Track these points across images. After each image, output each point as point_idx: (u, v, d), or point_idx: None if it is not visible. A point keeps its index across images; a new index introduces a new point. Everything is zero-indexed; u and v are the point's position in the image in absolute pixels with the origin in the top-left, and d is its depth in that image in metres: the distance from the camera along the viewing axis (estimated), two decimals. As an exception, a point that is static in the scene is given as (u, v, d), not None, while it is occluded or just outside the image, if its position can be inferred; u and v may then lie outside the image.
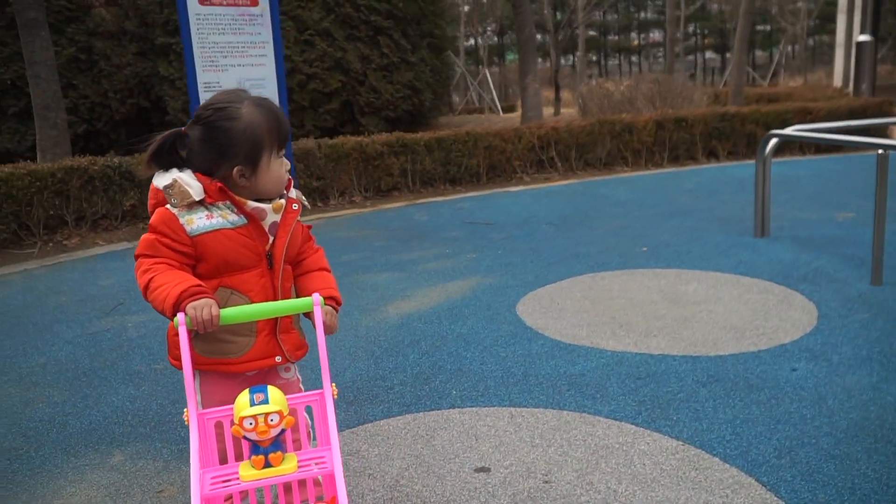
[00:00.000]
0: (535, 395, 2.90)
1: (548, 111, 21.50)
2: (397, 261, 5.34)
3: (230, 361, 1.87)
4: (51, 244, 6.39)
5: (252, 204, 1.80)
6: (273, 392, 1.61)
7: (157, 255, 1.76)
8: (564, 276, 4.65)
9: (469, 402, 2.87)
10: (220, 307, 1.76)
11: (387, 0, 11.95)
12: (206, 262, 1.80)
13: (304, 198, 1.98)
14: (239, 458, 1.75)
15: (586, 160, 10.25)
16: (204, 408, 1.91)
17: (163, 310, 1.70)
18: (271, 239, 1.86)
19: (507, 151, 9.41)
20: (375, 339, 3.67)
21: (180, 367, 1.73)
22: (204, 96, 6.33)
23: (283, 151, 1.84)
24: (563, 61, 32.78)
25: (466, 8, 28.83)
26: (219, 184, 1.77)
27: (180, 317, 1.66)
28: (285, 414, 1.60)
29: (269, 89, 6.69)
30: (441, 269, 5.02)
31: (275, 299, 1.87)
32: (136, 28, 11.70)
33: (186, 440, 2.64)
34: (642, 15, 44.82)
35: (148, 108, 12.05)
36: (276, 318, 1.87)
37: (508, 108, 21.35)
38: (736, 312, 3.75)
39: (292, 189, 1.95)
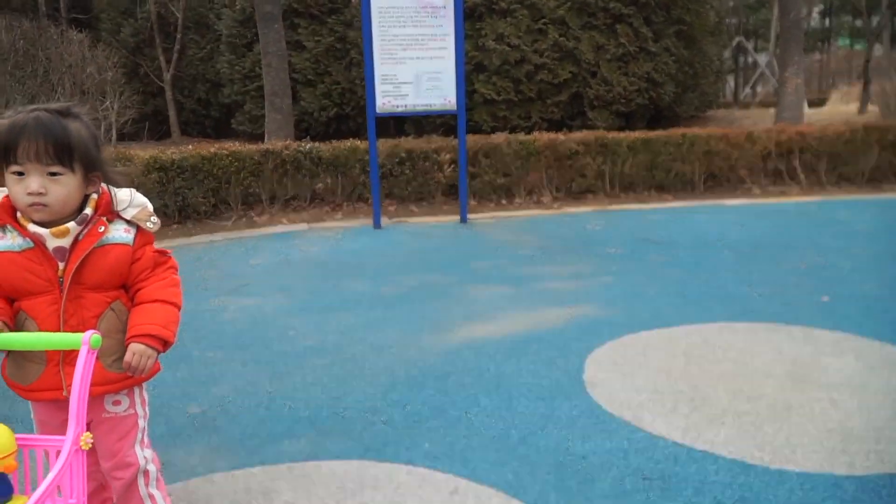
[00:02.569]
0: (507, 469, 2.38)
1: (850, 109, 18.50)
2: (521, 275, 4.89)
3: (21, 387, 1.76)
4: (244, 219, 7.05)
5: (31, 227, 1.65)
6: None
7: None
8: (685, 321, 3.84)
9: (429, 462, 2.45)
10: (15, 330, 1.67)
11: (630, -15, 11.12)
12: (2, 286, 1.70)
13: (151, 219, 1.79)
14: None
15: (842, 174, 8.52)
16: (37, 431, 1.85)
17: None
18: (61, 265, 1.70)
19: (733, 158, 8.19)
20: (412, 363, 3.36)
21: None
22: (381, 88, 6.44)
23: (33, 166, 1.60)
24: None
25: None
26: (5, 201, 1.65)
27: None
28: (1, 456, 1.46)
29: (446, 82, 6.58)
30: (555, 292, 4.48)
31: (59, 328, 1.71)
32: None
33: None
34: None
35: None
36: (60, 351, 1.71)
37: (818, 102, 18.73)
38: (884, 411, 2.73)
39: (130, 209, 1.77)
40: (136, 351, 1.71)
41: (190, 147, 7.02)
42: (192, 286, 4.86)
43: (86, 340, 1.58)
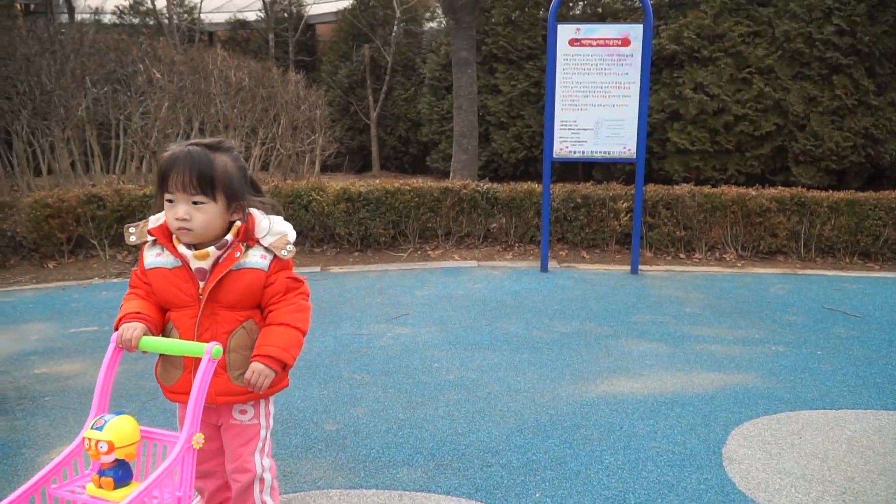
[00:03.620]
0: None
1: None
2: (681, 333, 4.64)
3: (165, 387, 2.02)
4: (419, 252, 7.40)
5: (180, 248, 1.90)
6: (117, 422, 1.71)
7: (132, 287, 2.01)
8: (858, 405, 3.41)
9: (535, 515, 2.41)
10: (160, 335, 1.94)
11: (851, 34, 10.21)
12: (156, 296, 1.96)
13: (287, 247, 1.95)
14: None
15: None
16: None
17: None
18: (201, 284, 1.91)
19: (961, 226, 7.16)
20: (543, 410, 3.32)
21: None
22: (559, 134, 6.51)
23: (180, 195, 1.82)
24: None
25: None
26: (164, 225, 1.92)
27: (113, 335, 1.86)
28: (118, 446, 1.68)
29: (627, 130, 6.50)
30: (715, 355, 4.19)
31: (195, 340, 1.92)
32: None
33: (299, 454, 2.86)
34: None
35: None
36: (193, 359, 1.91)
37: None
38: None
39: (269, 237, 1.95)
40: (256, 370, 1.88)
41: (377, 181, 7.53)
42: (358, 311, 5.19)
43: (208, 350, 1.79)
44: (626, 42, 6.46)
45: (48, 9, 17.05)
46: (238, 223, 1.92)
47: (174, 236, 1.91)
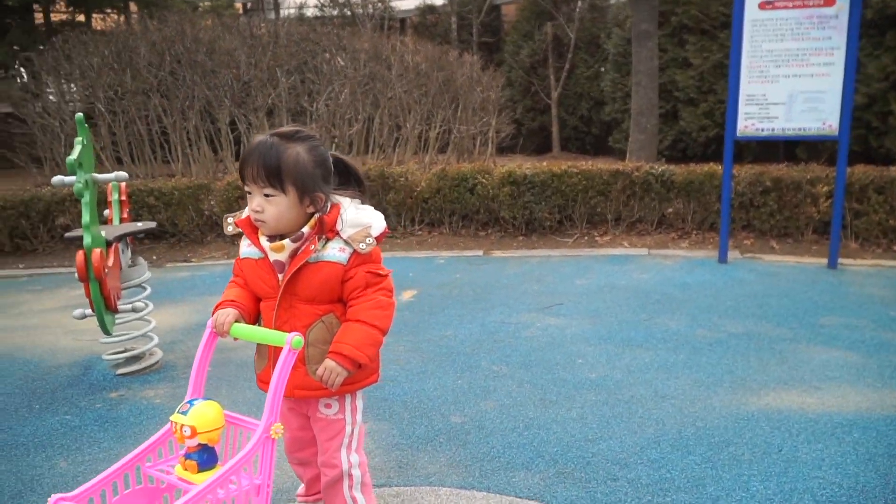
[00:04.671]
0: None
1: None
2: (881, 341, 3.97)
3: (256, 374, 2.05)
4: (586, 238, 7.08)
5: (262, 240, 1.89)
6: (200, 408, 1.74)
7: (234, 274, 2.04)
8: None
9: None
10: (253, 324, 1.95)
11: None
12: (248, 285, 1.99)
13: (366, 240, 1.87)
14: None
15: None
16: None
17: None
18: (280, 276, 1.89)
19: None
20: (689, 421, 2.97)
21: None
22: (745, 110, 5.89)
23: (253, 187, 1.81)
24: None
25: None
26: (248, 217, 1.91)
27: (210, 320, 1.91)
28: (200, 431, 1.72)
29: (829, 103, 5.75)
30: (919, 371, 3.52)
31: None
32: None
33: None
34: None
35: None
36: (274, 350, 1.88)
37: None
38: None
39: (349, 229, 1.88)
40: (328, 367, 1.84)
41: (544, 164, 7.31)
42: (512, 298, 5.06)
43: (288, 340, 1.76)
44: (829, 1, 5.63)
45: (260, 6, 18.65)
46: (317, 214, 1.87)
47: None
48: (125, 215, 4.15)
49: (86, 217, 3.10)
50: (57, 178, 3.23)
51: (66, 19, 16.23)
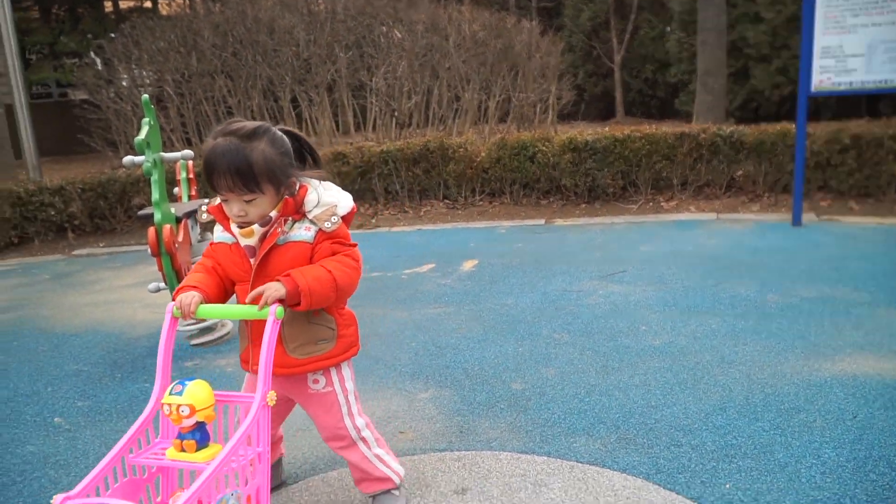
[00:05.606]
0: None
1: None
2: (966, 304, 3.75)
3: (240, 355, 2.08)
4: (651, 203, 6.92)
5: (232, 227, 1.93)
6: (193, 387, 1.75)
7: (204, 256, 2.06)
8: None
9: (720, 510, 2.09)
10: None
11: None
12: (223, 269, 2.01)
13: (331, 219, 1.89)
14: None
15: None
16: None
17: None
18: (252, 260, 1.92)
19: None
20: (758, 388, 2.89)
21: None
22: (820, 63, 5.61)
23: (230, 196, 1.82)
24: None
25: None
26: (219, 203, 1.93)
27: (169, 305, 1.91)
28: (198, 408, 1.73)
29: (913, 53, 5.34)
30: None
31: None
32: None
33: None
34: None
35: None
36: (254, 331, 1.95)
37: None
38: None
39: (315, 209, 1.90)
40: (272, 286, 1.81)
41: (606, 129, 7.15)
42: (573, 265, 5.00)
43: (272, 311, 1.80)
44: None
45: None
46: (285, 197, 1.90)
47: None
48: (193, 192, 4.29)
49: (155, 194, 3.22)
50: (128, 159, 3.35)
51: (134, 6, 16.75)
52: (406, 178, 7.34)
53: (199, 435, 1.75)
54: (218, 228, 2.00)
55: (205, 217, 1.99)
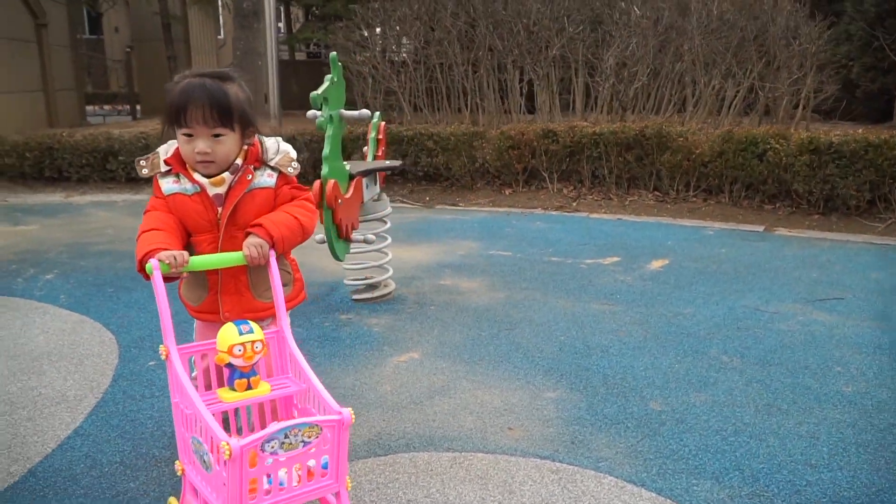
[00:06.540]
0: None
1: None
2: None
3: (190, 307, 2.11)
4: (902, 223, 5.81)
5: (197, 176, 1.93)
6: (255, 325, 1.82)
7: (153, 208, 2.00)
8: None
9: None
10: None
11: None
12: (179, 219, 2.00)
13: (292, 164, 2.01)
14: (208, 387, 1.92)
15: None
16: (196, 341, 2.15)
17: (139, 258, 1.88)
18: (220, 209, 1.95)
19: None
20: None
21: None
22: None
23: (201, 129, 1.85)
24: None
25: None
26: (177, 153, 1.95)
27: (154, 262, 1.82)
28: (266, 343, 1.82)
29: None
30: None
31: None
32: None
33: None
34: None
35: None
36: (219, 281, 2.02)
37: None
38: None
39: (276, 156, 2.00)
40: (251, 243, 1.91)
41: (859, 130, 6.09)
42: (778, 283, 4.37)
43: (272, 253, 1.96)
44: None
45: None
46: (245, 147, 1.98)
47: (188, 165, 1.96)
48: (380, 153, 4.38)
49: (326, 149, 3.30)
50: (311, 112, 3.48)
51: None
52: (616, 163, 6.92)
53: (257, 372, 1.82)
54: (167, 181, 1.99)
55: (146, 172, 2.00)
